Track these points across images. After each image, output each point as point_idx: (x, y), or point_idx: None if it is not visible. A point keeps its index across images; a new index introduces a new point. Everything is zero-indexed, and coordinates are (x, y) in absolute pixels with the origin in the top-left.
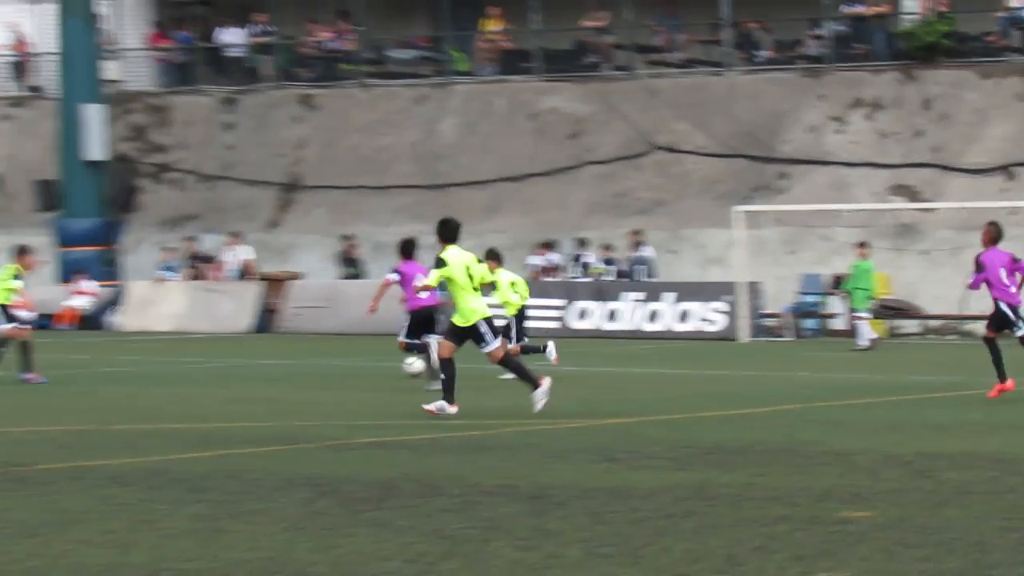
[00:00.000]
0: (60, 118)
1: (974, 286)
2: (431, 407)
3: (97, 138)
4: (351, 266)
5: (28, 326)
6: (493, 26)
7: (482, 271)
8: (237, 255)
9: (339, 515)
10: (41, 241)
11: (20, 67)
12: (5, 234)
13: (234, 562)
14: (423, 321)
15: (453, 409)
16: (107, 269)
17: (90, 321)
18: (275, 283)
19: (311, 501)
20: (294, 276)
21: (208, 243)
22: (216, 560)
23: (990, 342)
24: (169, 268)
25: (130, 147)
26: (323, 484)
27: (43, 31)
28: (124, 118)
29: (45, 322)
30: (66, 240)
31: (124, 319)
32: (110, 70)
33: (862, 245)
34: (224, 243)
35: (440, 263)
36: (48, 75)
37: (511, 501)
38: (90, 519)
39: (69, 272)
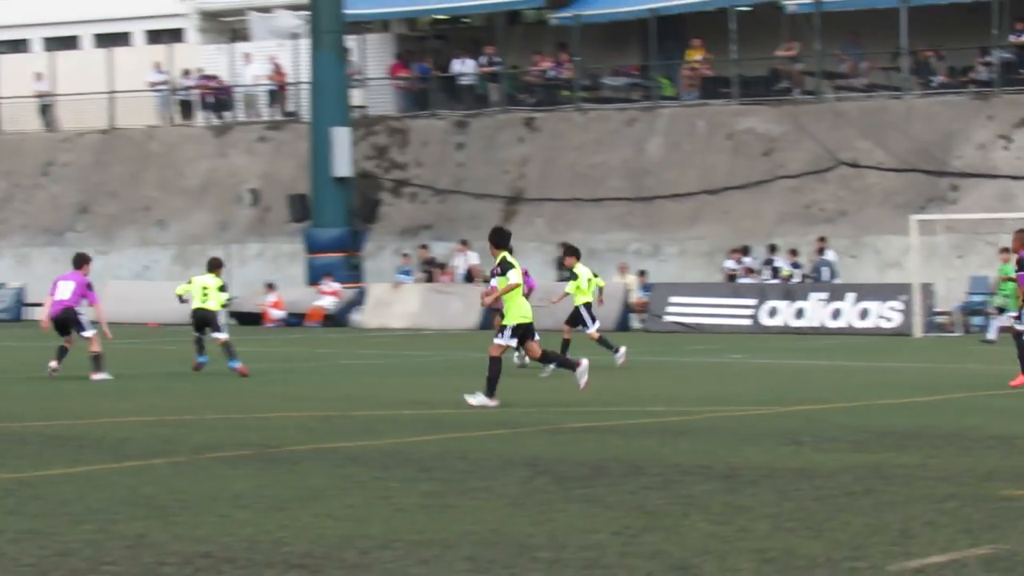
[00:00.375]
0: (311, 139)
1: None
2: (473, 401)
3: (344, 157)
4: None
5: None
6: (696, 55)
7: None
8: (465, 260)
9: (554, 492)
10: (293, 248)
11: (277, 95)
12: (261, 242)
13: (460, 534)
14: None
15: (494, 403)
16: (351, 273)
17: (335, 319)
18: None
19: (529, 479)
20: None
21: (439, 250)
22: (444, 532)
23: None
24: (405, 272)
25: (373, 165)
26: (539, 464)
27: (298, 63)
28: (368, 139)
29: (295, 320)
30: (315, 247)
31: (365, 317)
32: (356, 97)
33: (1004, 251)
34: (454, 250)
35: (509, 266)
36: (301, 102)
37: (706, 480)
38: (331, 495)
39: (317, 276)
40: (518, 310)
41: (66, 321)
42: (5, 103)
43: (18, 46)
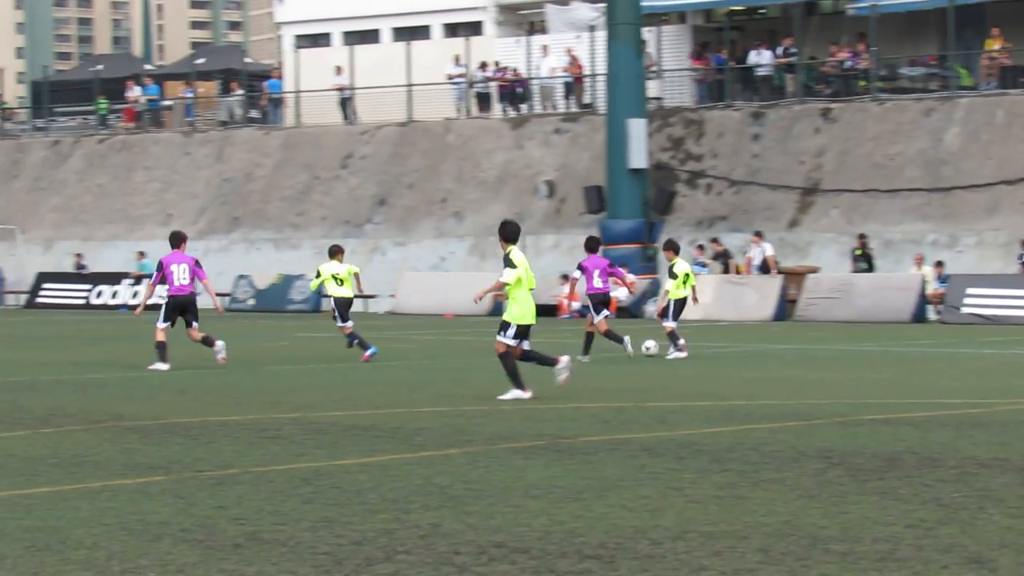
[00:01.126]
0: (607, 131)
1: None
2: (507, 396)
3: (639, 149)
4: (863, 261)
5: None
6: (995, 45)
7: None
8: (761, 251)
9: (847, 484)
10: None
11: (574, 87)
12: (556, 234)
13: (752, 525)
14: (600, 304)
15: (527, 394)
16: (646, 265)
17: (629, 311)
18: (794, 276)
19: (822, 471)
20: (812, 270)
21: (734, 241)
22: (736, 523)
23: None
24: (699, 264)
25: (668, 156)
26: (833, 456)
27: (594, 55)
28: (663, 131)
29: (586, 311)
30: (609, 239)
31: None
32: (651, 88)
33: None
34: (749, 241)
35: (510, 263)
36: (598, 93)
37: (1004, 472)
38: (625, 486)
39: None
40: (521, 309)
41: (187, 306)
42: (305, 97)
43: (318, 40)
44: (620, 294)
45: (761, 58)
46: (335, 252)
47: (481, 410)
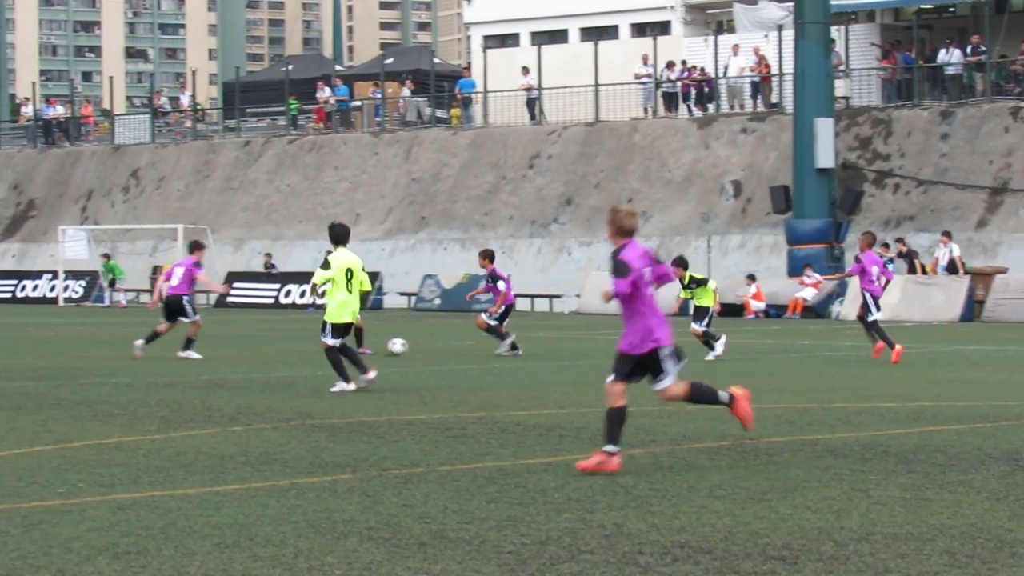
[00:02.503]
0: (794, 131)
1: None
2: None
3: (826, 148)
4: None
5: None
6: None
7: (363, 278)
8: (948, 252)
9: None
10: (775, 240)
11: (761, 86)
12: (742, 234)
13: (938, 528)
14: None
15: (351, 386)
16: (832, 265)
17: (815, 311)
18: (981, 277)
19: (1009, 474)
20: (1000, 271)
21: (922, 241)
22: (922, 526)
23: None
24: (889, 260)
25: (855, 155)
26: (1021, 459)
27: (782, 54)
28: (850, 130)
29: (776, 312)
30: (796, 239)
31: (845, 309)
32: (839, 88)
33: None
34: (938, 241)
35: (326, 264)
36: (785, 93)
37: None
38: (809, 487)
39: (798, 267)
40: (336, 308)
41: (174, 307)
42: (493, 96)
43: (506, 40)
44: (807, 294)
45: (950, 57)
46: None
47: (665, 410)
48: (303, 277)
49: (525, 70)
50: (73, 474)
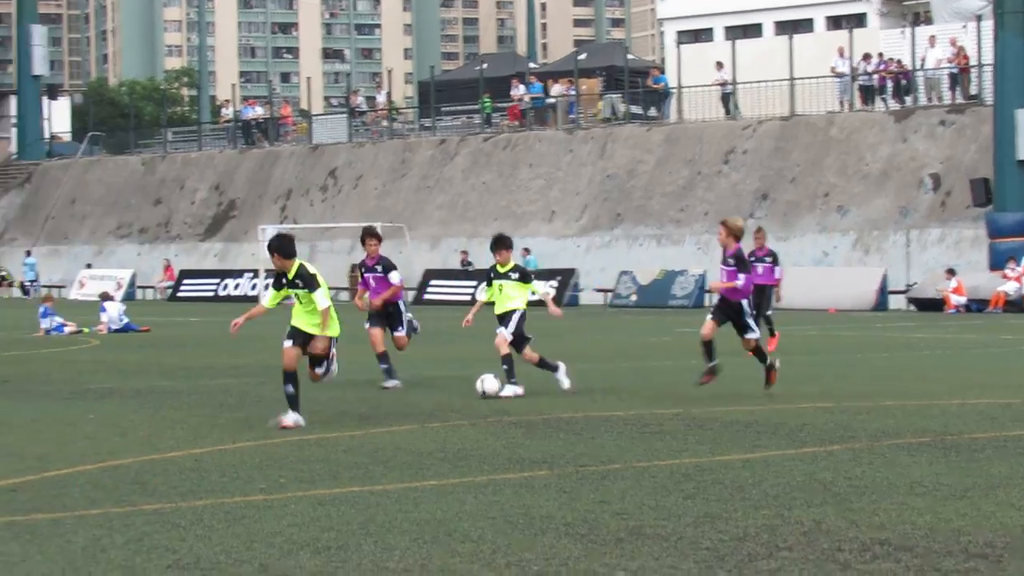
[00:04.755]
0: (994, 122)
1: None
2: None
3: None
4: None
5: None
6: None
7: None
8: None
9: None
10: (975, 233)
11: (959, 78)
12: (941, 228)
13: None
14: None
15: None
16: None
17: (1018, 305)
18: None
19: None
20: None
21: None
22: None
23: None
24: None
25: None
26: None
27: (981, 45)
28: None
29: (977, 306)
30: (997, 232)
31: None
32: None
33: None
34: None
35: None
36: (985, 84)
37: None
38: (1013, 483)
39: (1000, 261)
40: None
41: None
42: (687, 92)
43: (700, 36)
44: (1009, 288)
45: None
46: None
47: (864, 406)
48: None
49: (719, 65)
50: (275, 470)
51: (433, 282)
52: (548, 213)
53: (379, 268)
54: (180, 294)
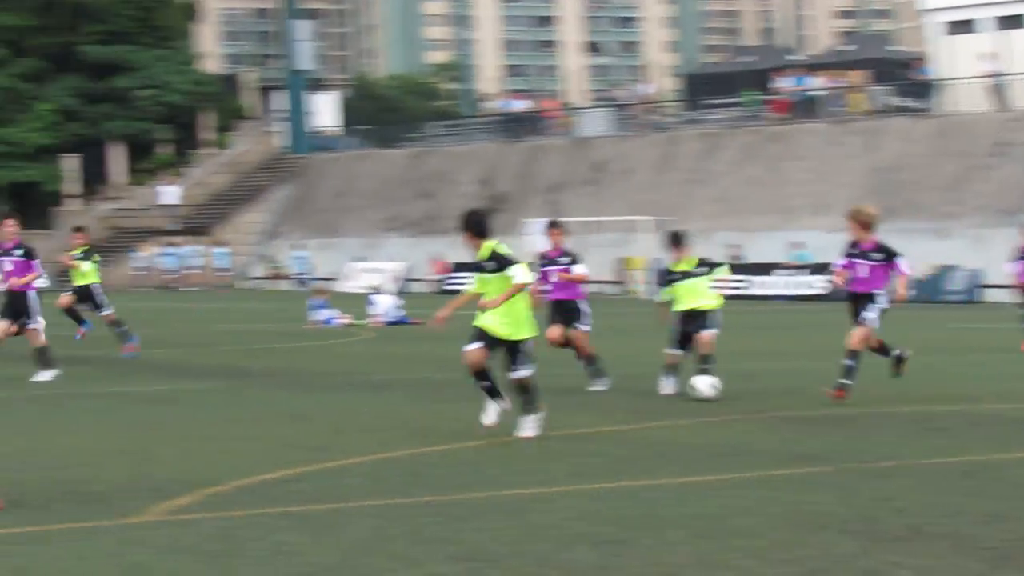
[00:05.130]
0: None
1: None
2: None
3: None
4: None
5: None
6: None
7: None
8: None
9: None
10: None
11: None
12: None
13: None
14: None
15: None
16: None
17: None
18: None
19: None
20: None
21: None
22: None
23: None
24: None
25: None
26: None
27: None
28: None
29: None
30: None
31: None
32: None
33: None
34: None
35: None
36: None
37: None
38: None
39: None
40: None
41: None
42: (957, 84)
43: (967, 26)
44: None
45: None
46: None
47: None
48: (768, 268)
49: (988, 55)
50: (551, 463)
51: None
52: (816, 207)
53: (564, 260)
54: (449, 287)
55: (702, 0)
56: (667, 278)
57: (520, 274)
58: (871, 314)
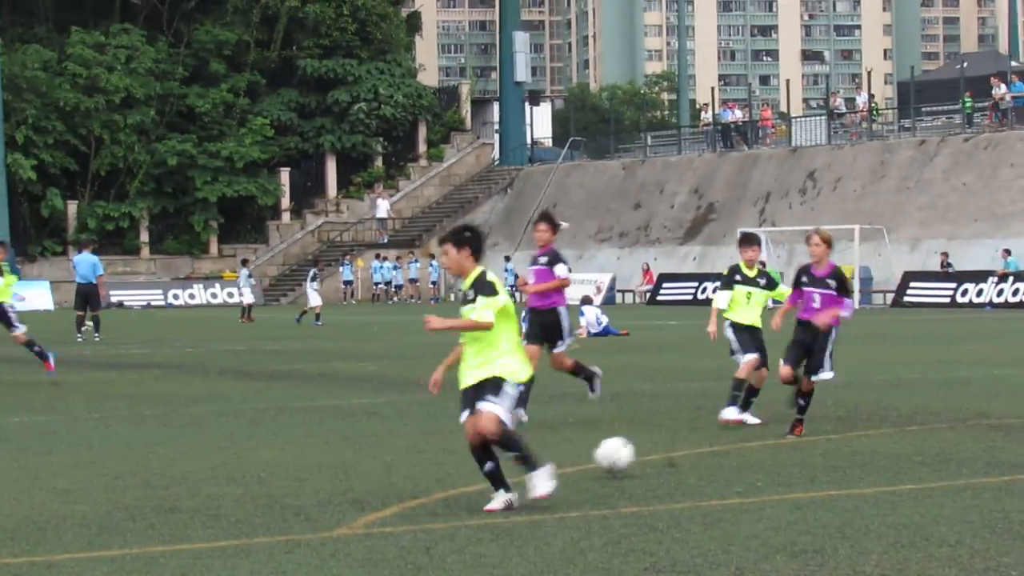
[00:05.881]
0: None
1: None
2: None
3: None
4: None
5: None
6: None
7: None
8: None
9: None
10: None
11: None
12: None
13: None
14: None
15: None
16: None
17: None
18: None
19: None
20: None
21: None
22: None
23: None
24: None
25: None
26: None
27: None
28: None
29: None
30: None
31: None
32: None
33: None
34: None
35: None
36: None
37: None
38: None
39: None
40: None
41: None
42: None
43: None
44: None
45: None
46: None
47: None
48: (980, 276)
49: None
50: (751, 473)
51: (913, 284)
52: None
53: (543, 259)
54: (659, 298)
55: (920, 8)
56: (730, 279)
57: (483, 313)
58: None
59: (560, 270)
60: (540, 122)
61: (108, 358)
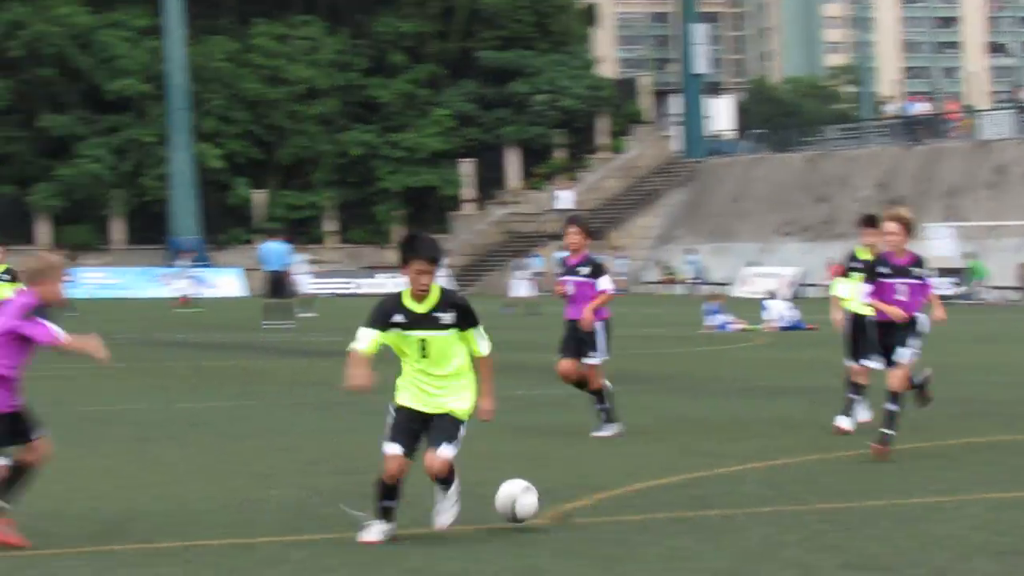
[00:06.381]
0: None
1: None
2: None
3: None
4: None
5: None
6: None
7: None
8: None
9: None
10: None
11: None
12: None
13: None
14: None
15: None
16: None
17: None
18: None
19: None
20: None
21: None
22: None
23: None
24: None
25: None
26: None
27: None
28: None
29: None
30: None
31: None
32: None
33: None
34: None
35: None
36: None
37: None
38: None
39: None
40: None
41: None
42: None
43: None
44: None
45: None
46: None
47: None
48: None
49: None
50: (950, 472)
51: None
52: None
53: (584, 270)
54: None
55: None
56: (853, 268)
57: (482, 345)
58: None
59: (604, 283)
60: (722, 114)
61: (299, 346)
